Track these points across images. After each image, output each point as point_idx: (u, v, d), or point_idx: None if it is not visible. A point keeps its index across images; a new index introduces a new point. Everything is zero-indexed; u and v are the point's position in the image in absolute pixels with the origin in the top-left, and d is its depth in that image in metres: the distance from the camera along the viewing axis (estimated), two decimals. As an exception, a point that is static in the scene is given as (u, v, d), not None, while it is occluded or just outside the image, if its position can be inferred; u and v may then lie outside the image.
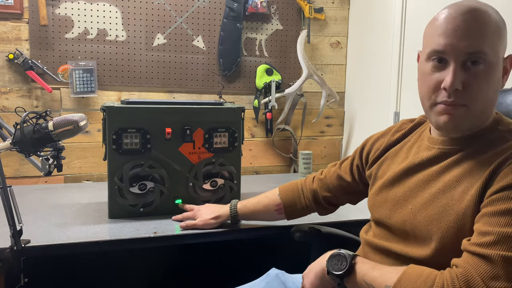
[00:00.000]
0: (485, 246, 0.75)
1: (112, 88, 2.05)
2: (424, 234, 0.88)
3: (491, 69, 0.82)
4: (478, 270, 0.74)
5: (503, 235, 0.74)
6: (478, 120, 0.87)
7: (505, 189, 0.78)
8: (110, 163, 1.45)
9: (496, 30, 0.83)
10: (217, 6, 2.13)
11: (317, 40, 2.31)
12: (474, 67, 0.82)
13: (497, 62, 0.83)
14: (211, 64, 2.16)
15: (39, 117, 1.10)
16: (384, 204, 0.99)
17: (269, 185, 1.99)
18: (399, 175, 0.97)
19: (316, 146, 2.39)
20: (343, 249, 0.91)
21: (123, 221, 1.45)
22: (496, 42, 0.83)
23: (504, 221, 0.75)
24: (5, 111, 1.91)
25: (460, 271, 0.75)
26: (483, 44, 0.81)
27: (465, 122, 0.85)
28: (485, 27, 0.81)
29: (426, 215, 0.88)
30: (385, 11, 2.01)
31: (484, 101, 0.84)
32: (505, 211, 0.76)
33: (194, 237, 1.38)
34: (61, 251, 1.26)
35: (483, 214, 0.79)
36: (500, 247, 0.74)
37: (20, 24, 1.90)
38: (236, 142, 1.58)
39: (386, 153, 1.06)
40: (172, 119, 1.49)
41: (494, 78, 0.84)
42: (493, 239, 0.75)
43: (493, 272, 0.73)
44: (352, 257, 0.89)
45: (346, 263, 0.87)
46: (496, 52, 0.83)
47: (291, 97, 2.20)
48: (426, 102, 0.88)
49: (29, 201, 1.66)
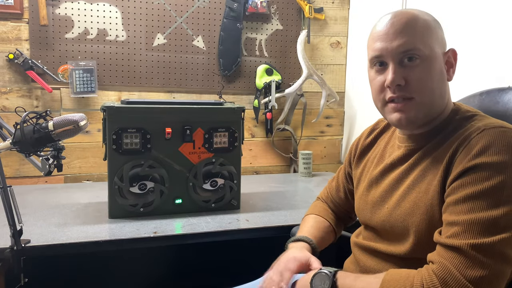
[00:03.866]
0: (454, 237, 0.77)
1: (112, 88, 2.05)
2: (401, 230, 0.90)
3: (428, 62, 0.87)
4: (453, 263, 0.75)
5: (467, 222, 0.76)
6: (430, 111, 0.89)
7: (462, 175, 0.79)
8: (110, 163, 1.45)
9: (425, 26, 0.88)
10: (217, 6, 2.13)
11: (317, 40, 2.31)
12: (411, 62, 0.87)
13: (433, 55, 0.87)
14: (211, 64, 2.16)
15: (39, 117, 1.10)
16: (366, 206, 1.03)
17: (269, 185, 2.00)
18: (375, 177, 1.01)
19: (316, 146, 2.39)
20: (325, 267, 0.92)
21: (123, 221, 1.45)
22: (427, 37, 0.87)
23: (466, 207, 0.77)
24: (5, 111, 1.91)
25: (436, 267, 0.76)
26: (413, 41, 0.86)
27: (417, 115, 0.89)
28: (412, 26, 0.87)
29: (400, 212, 0.91)
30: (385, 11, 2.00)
31: (430, 91, 0.88)
32: (466, 197, 0.77)
33: (194, 237, 1.38)
34: (61, 251, 1.27)
35: (447, 204, 0.81)
36: (467, 235, 0.75)
37: (20, 24, 1.91)
38: (236, 142, 1.58)
39: (365, 156, 1.10)
40: (172, 119, 1.49)
41: (434, 70, 0.87)
42: (460, 229, 0.76)
43: (467, 262, 0.74)
44: (334, 273, 0.89)
45: (329, 282, 0.88)
46: (429, 46, 0.87)
47: (291, 97, 2.20)
48: (378, 103, 0.94)
49: (29, 201, 1.66)
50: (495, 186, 0.76)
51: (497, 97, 1.10)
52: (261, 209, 1.63)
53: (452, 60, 0.92)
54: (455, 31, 1.51)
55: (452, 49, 0.92)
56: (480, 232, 0.75)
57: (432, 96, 0.88)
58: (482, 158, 0.78)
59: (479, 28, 1.50)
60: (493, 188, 0.76)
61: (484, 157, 0.78)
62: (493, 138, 0.79)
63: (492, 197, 0.76)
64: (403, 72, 0.87)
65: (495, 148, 0.78)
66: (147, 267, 1.82)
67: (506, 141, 0.78)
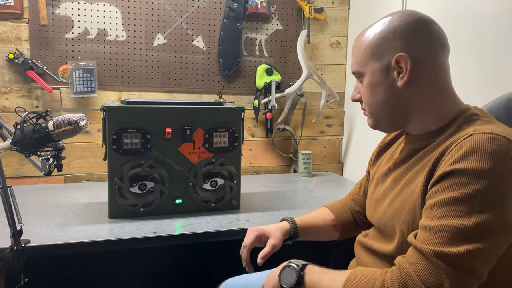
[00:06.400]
0: (423, 242, 0.75)
1: (112, 88, 2.05)
2: (390, 229, 0.91)
3: (370, 82, 0.92)
4: (415, 268, 0.74)
5: (438, 228, 0.74)
6: (390, 118, 0.94)
7: (442, 179, 0.77)
8: (110, 163, 1.45)
9: (367, 49, 0.91)
10: (217, 6, 2.13)
11: (317, 40, 2.31)
12: (360, 79, 0.95)
13: (374, 75, 0.91)
14: (211, 64, 2.16)
15: (39, 117, 1.10)
16: (370, 203, 1.04)
17: (269, 185, 2.00)
18: (381, 176, 1.02)
19: (316, 146, 2.39)
20: (294, 260, 0.92)
21: (123, 221, 1.45)
22: (368, 60, 0.91)
23: (440, 213, 0.75)
24: (5, 111, 1.91)
25: (399, 270, 0.76)
26: (357, 65, 0.94)
27: (375, 121, 0.96)
28: (357, 50, 0.94)
29: (391, 211, 0.91)
30: (385, 11, 2.00)
31: (376, 105, 0.93)
32: (441, 202, 0.75)
33: (194, 237, 1.38)
34: (61, 251, 1.26)
35: (425, 208, 0.80)
36: (435, 242, 0.73)
37: (20, 24, 1.91)
38: (236, 142, 1.58)
39: (383, 155, 1.10)
40: (172, 119, 1.49)
41: (376, 87, 0.91)
42: (430, 235, 0.75)
43: (429, 269, 0.72)
44: (302, 267, 0.89)
45: (295, 275, 0.89)
46: (370, 68, 0.91)
47: (291, 97, 2.20)
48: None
49: (29, 201, 1.66)
50: (471, 194, 0.73)
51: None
52: (261, 209, 1.63)
53: (403, 65, 0.87)
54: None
55: (399, 54, 0.86)
56: (447, 240, 0.72)
57: (380, 108, 0.92)
58: (463, 164, 0.74)
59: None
60: (468, 196, 0.73)
61: (464, 162, 0.74)
62: (478, 144, 0.75)
63: (466, 205, 0.73)
64: (360, 88, 0.96)
65: (477, 155, 0.74)
66: (147, 267, 1.82)
67: (491, 148, 0.74)
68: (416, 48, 0.87)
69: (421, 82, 0.88)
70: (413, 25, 0.88)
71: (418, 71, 0.87)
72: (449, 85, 0.91)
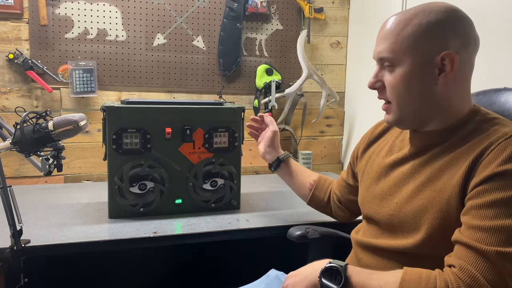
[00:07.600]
0: (479, 241, 0.76)
1: (112, 88, 2.05)
2: (412, 226, 0.90)
3: (406, 74, 0.87)
4: (478, 268, 0.74)
5: (494, 229, 0.75)
6: (418, 115, 0.90)
7: (489, 179, 0.78)
8: (110, 163, 1.45)
9: (414, 33, 0.86)
10: (217, 6, 2.13)
11: (317, 40, 2.31)
12: (390, 68, 0.89)
13: (413, 67, 0.86)
14: (211, 64, 2.16)
15: (39, 117, 1.10)
16: (372, 199, 1.02)
17: (269, 185, 2.00)
18: (385, 170, 1.00)
19: (316, 146, 2.39)
20: (333, 260, 0.88)
21: (123, 221, 1.45)
22: (409, 50, 0.86)
23: (492, 213, 0.76)
24: (5, 111, 1.91)
25: (461, 271, 0.75)
26: (391, 52, 0.87)
27: (400, 117, 0.91)
28: (394, 36, 0.87)
29: (412, 208, 0.90)
30: (385, 11, 2.01)
31: (408, 99, 0.89)
32: (492, 202, 0.77)
33: (194, 237, 1.38)
34: (61, 251, 1.26)
35: (470, 207, 0.80)
36: (493, 242, 0.75)
37: (20, 24, 1.90)
38: (236, 142, 1.58)
39: (370, 148, 1.10)
40: (172, 119, 1.49)
41: (414, 80, 0.87)
42: (485, 235, 0.76)
43: (493, 269, 0.73)
44: (345, 268, 0.85)
45: (341, 277, 0.84)
46: (410, 59, 0.86)
47: (291, 97, 2.20)
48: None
49: (29, 201, 1.66)
50: None
51: (493, 98, 1.11)
52: (261, 209, 1.62)
53: (448, 63, 0.86)
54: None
55: (446, 52, 0.85)
56: (505, 240, 0.74)
57: (412, 102, 0.89)
58: (511, 165, 0.77)
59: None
60: None
61: None
62: None
63: None
64: (383, 77, 0.91)
65: None
66: (147, 267, 1.82)
67: None
68: (463, 48, 0.87)
69: (456, 82, 0.88)
70: (463, 25, 0.87)
71: (458, 71, 0.87)
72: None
